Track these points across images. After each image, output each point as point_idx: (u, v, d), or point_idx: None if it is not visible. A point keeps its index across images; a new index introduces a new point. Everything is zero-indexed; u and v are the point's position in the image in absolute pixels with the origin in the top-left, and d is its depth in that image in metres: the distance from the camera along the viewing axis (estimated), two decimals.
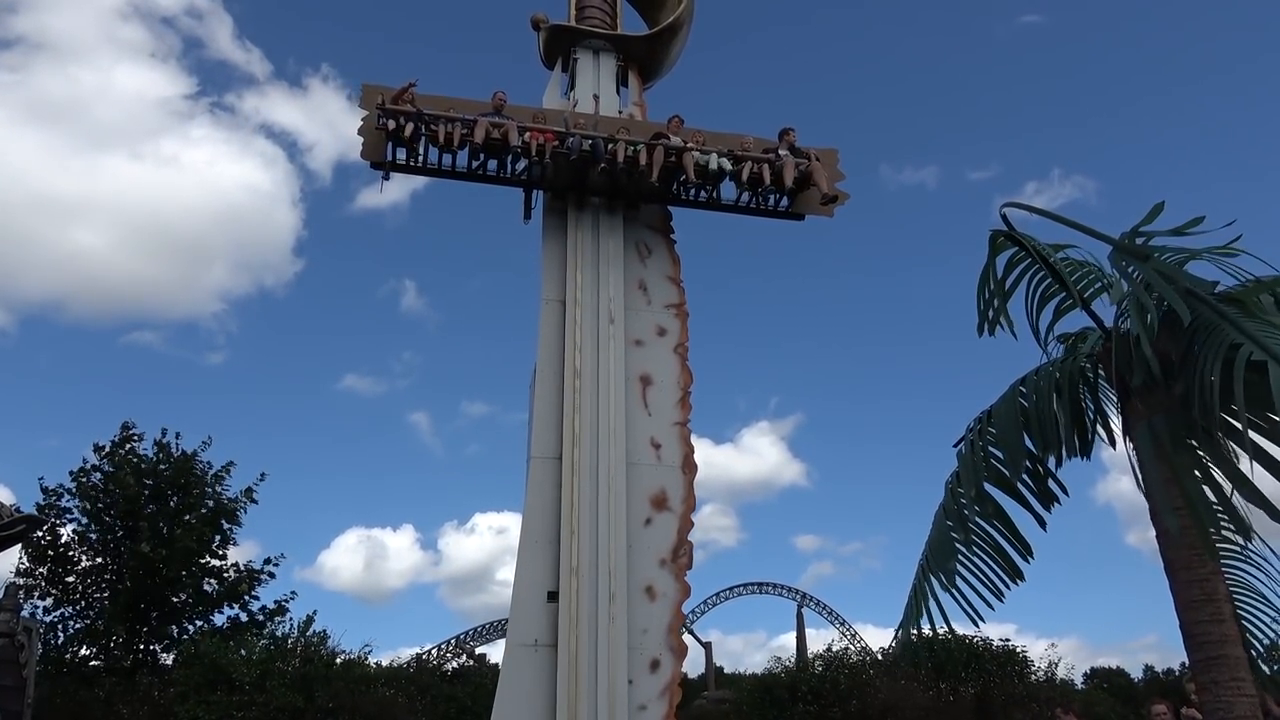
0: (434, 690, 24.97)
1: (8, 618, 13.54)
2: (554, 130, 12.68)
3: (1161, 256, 5.37)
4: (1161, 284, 5.10)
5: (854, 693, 22.26)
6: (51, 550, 22.26)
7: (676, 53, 15.51)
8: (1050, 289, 6.27)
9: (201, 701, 19.33)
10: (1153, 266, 5.26)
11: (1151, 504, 5.97)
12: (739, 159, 13.16)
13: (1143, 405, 5.91)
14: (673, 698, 11.53)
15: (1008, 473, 6.26)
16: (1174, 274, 5.17)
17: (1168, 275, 5.16)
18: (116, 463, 23.13)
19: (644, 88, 15.27)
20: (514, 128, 12.48)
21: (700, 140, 13.31)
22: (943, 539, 6.46)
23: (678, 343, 13.18)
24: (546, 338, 12.82)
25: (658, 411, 12.73)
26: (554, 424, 12.31)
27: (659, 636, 11.66)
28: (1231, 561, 6.65)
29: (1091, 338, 6.53)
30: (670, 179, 13.18)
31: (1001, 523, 6.38)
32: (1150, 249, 5.39)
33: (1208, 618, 5.56)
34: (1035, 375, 6.45)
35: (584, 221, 13.33)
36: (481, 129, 12.39)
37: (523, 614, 11.49)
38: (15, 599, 14.57)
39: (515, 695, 11.22)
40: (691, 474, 12.55)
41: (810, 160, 13.42)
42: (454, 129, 12.47)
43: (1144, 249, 5.40)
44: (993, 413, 6.51)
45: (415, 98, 12.65)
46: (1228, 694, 5.36)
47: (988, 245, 5.98)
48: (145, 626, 22.94)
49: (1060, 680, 28.21)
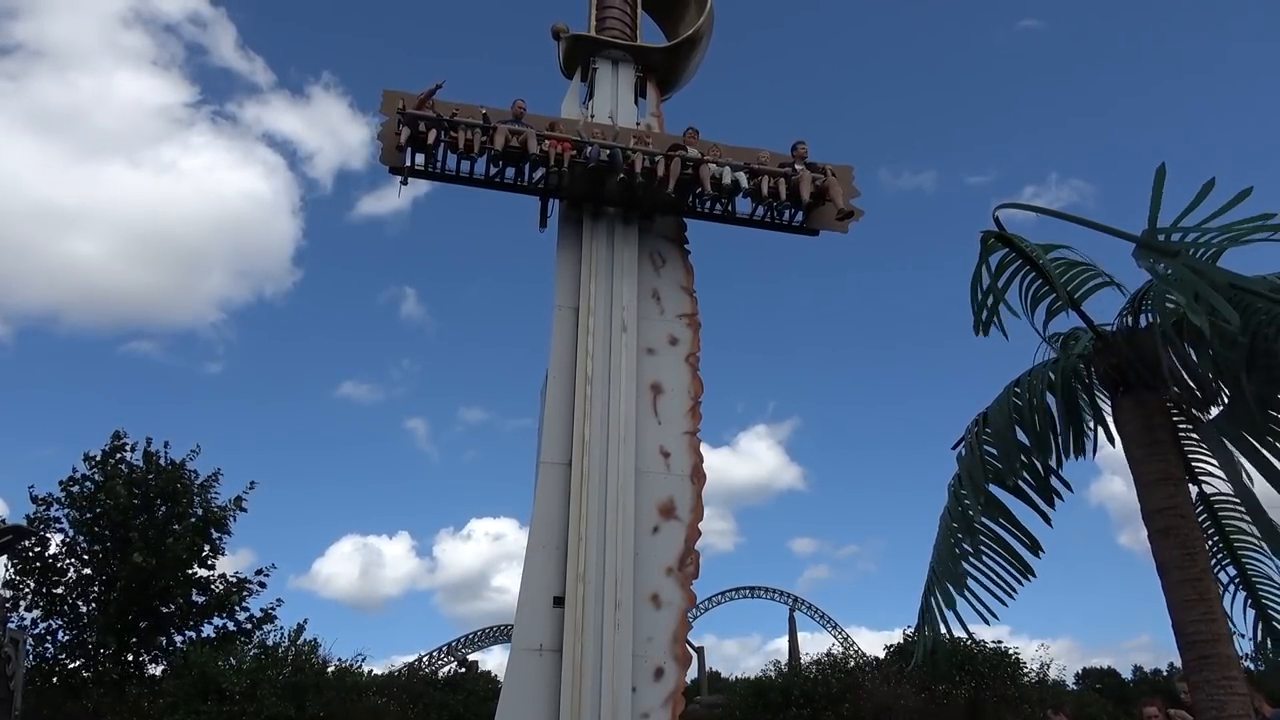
0: (427, 698, 24.88)
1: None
2: (572, 139, 12.74)
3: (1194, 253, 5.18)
4: (1194, 279, 4.95)
5: (846, 696, 22.27)
6: (39, 561, 22.08)
7: (695, 65, 15.62)
8: (1041, 289, 6.29)
9: (192, 712, 19.17)
10: (1184, 262, 5.16)
11: (1143, 504, 5.99)
12: (755, 173, 13.14)
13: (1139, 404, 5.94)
14: (676, 706, 11.54)
15: (1003, 472, 6.26)
16: (1207, 269, 5.04)
17: (1200, 271, 5.04)
18: (107, 472, 22.99)
19: (662, 99, 15.30)
20: (533, 135, 12.51)
21: (717, 153, 13.31)
22: (950, 543, 6.47)
23: (689, 352, 13.24)
24: (559, 344, 12.86)
25: (668, 420, 12.77)
26: (564, 430, 12.36)
27: (663, 645, 11.68)
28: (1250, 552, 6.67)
29: (1083, 339, 6.56)
30: (686, 191, 13.20)
31: (1007, 520, 6.40)
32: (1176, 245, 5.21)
33: (1200, 617, 5.59)
34: (1029, 376, 6.48)
35: (599, 230, 13.41)
36: (501, 136, 12.41)
37: (528, 618, 11.50)
38: (2, 611, 14.41)
39: (519, 700, 11.24)
40: (700, 483, 12.60)
41: (826, 175, 13.42)
42: (474, 135, 12.49)
43: (1170, 245, 5.24)
44: (989, 414, 6.53)
45: (436, 104, 12.67)
46: (1220, 693, 5.38)
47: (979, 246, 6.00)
48: (134, 637, 22.76)
49: (1052, 681, 28.29)
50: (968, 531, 6.35)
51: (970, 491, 6.30)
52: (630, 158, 12.60)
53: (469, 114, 12.78)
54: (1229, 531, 6.70)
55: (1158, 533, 5.84)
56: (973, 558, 6.38)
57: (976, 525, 6.36)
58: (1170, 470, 5.94)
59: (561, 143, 12.61)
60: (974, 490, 6.24)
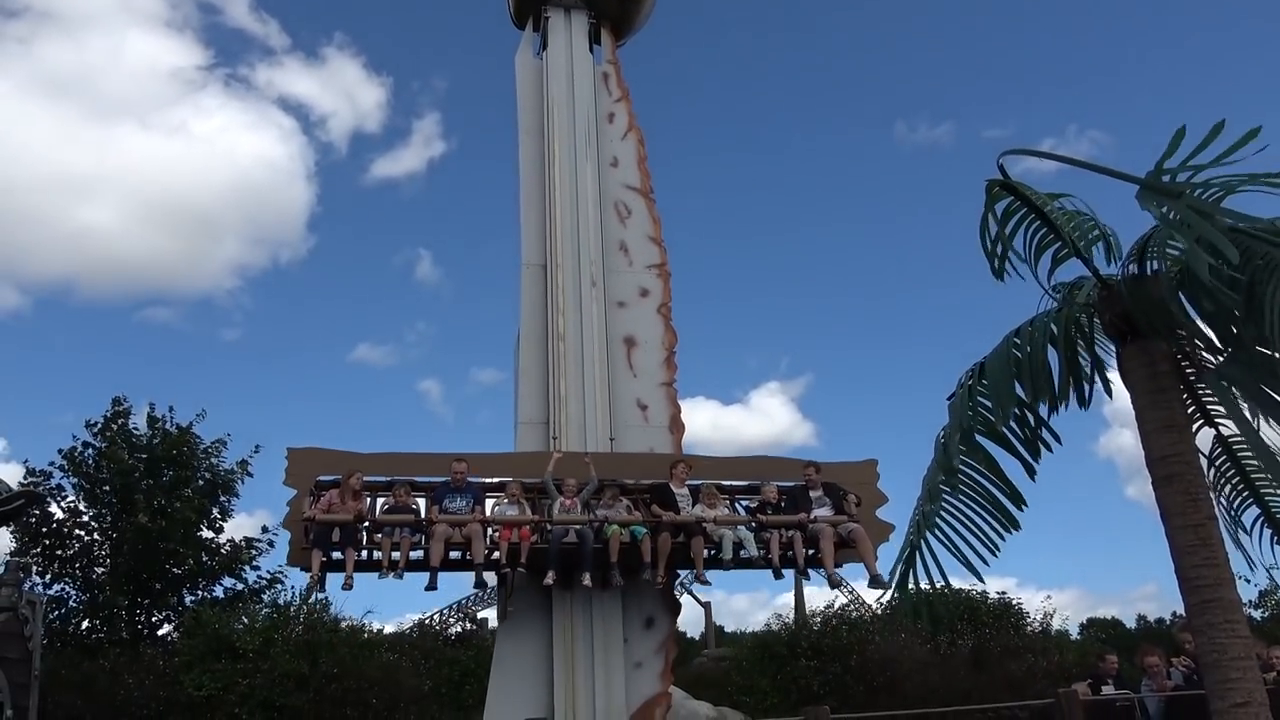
0: (437, 654, 25.22)
1: (10, 592, 13.57)
2: (529, 521, 10.82)
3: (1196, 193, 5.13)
4: (1199, 221, 4.87)
5: (853, 648, 22.51)
6: (44, 527, 22.28)
7: (649, 7, 15.27)
8: (1046, 238, 6.22)
9: (206, 670, 19.51)
10: (1186, 203, 5.08)
11: (1147, 451, 5.98)
12: (763, 525, 11.14)
13: (1144, 352, 5.90)
14: (668, 654, 11.67)
15: (995, 420, 6.24)
16: (1211, 210, 4.99)
17: (1204, 212, 4.97)
18: (109, 438, 23.11)
19: (617, 45, 15.10)
20: (478, 533, 10.49)
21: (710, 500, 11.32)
22: (933, 491, 6.46)
23: (660, 303, 13.13)
24: (528, 302, 12.79)
25: (643, 372, 12.73)
26: (539, 389, 12.32)
27: (651, 594, 11.72)
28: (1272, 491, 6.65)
29: (1087, 286, 6.50)
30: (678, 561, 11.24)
31: (993, 472, 6.38)
32: (1181, 185, 5.15)
33: (1202, 562, 5.59)
34: (1029, 325, 6.43)
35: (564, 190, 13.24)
36: (439, 544, 10.32)
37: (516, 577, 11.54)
38: (16, 574, 14.60)
39: (513, 656, 11.34)
40: (679, 434, 12.58)
41: (849, 509, 11.38)
42: (404, 538, 10.44)
43: (1175, 186, 5.15)
44: (985, 363, 6.49)
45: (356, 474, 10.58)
46: (1222, 635, 5.41)
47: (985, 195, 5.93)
48: (146, 598, 23.07)
49: (1056, 631, 28.60)
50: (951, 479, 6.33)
51: (953, 436, 6.27)
52: (605, 536, 10.70)
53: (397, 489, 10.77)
54: (1250, 471, 6.68)
55: (1161, 480, 5.81)
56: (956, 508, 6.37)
57: (961, 474, 6.34)
58: (1174, 418, 5.89)
59: (518, 529, 10.66)
60: (962, 439, 6.23)
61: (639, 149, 14.32)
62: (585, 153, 13.86)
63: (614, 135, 14.38)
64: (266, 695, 19.46)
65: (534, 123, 14.17)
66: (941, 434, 6.61)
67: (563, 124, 14.00)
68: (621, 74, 14.76)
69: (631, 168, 14.01)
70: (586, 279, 12.85)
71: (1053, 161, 6.50)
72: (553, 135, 13.89)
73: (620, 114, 14.56)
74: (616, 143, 14.32)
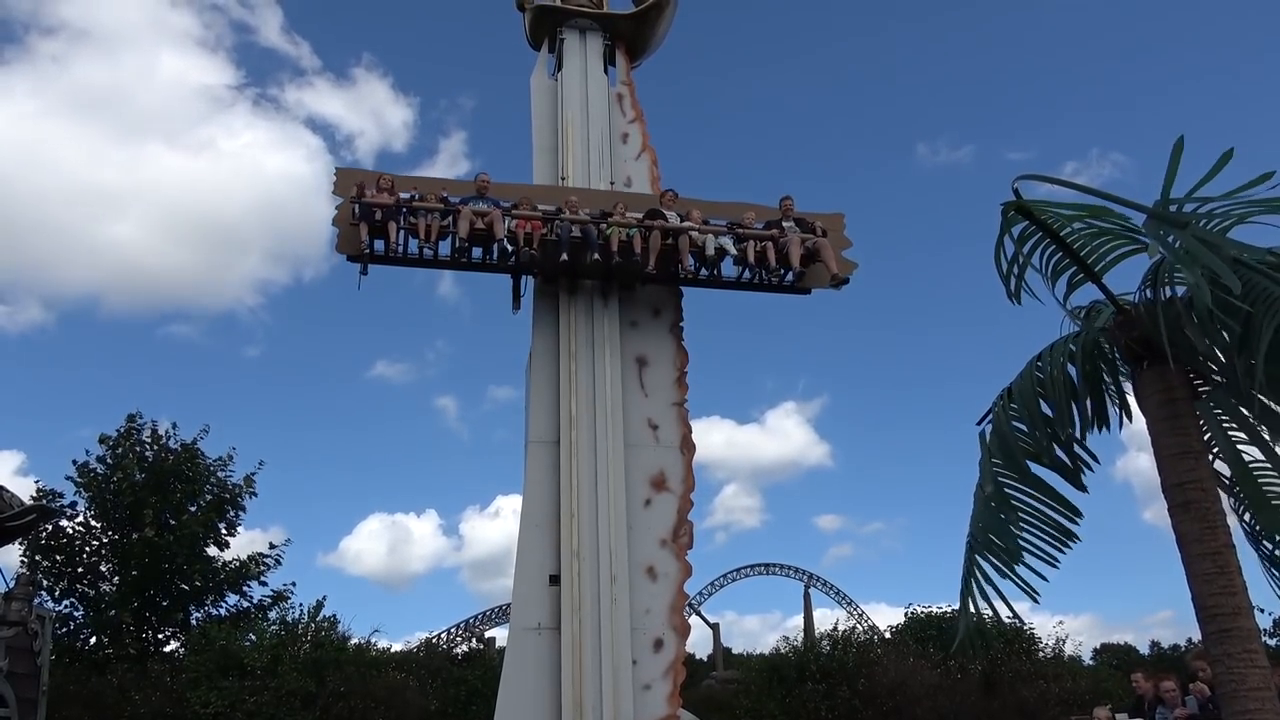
0: (444, 673, 25.14)
1: (20, 606, 13.58)
2: (541, 216, 12.24)
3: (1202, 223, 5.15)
4: (1203, 251, 4.90)
5: (862, 671, 22.35)
6: (54, 541, 22.34)
7: (664, 30, 15.42)
8: (1062, 262, 6.23)
9: (214, 687, 19.48)
10: (1192, 234, 5.11)
11: (1164, 477, 5.94)
12: (741, 237, 12.63)
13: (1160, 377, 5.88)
14: (677, 676, 11.60)
15: (1030, 446, 6.28)
16: (1218, 241, 5.01)
17: (1210, 242, 4.99)
18: (120, 454, 23.21)
19: (631, 66, 15.24)
20: (499, 217, 11.99)
21: (698, 217, 12.78)
22: (991, 519, 6.44)
23: (673, 322, 13.14)
24: (540, 320, 12.80)
25: (654, 392, 12.71)
26: (550, 407, 12.31)
27: (661, 616, 11.70)
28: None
29: (1105, 311, 6.50)
30: (668, 261, 12.60)
31: (1042, 491, 6.39)
32: (1187, 216, 5.19)
33: (1220, 590, 5.53)
34: (1050, 349, 6.44)
35: None
36: (465, 221, 11.87)
37: (525, 598, 11.52)
38: (27, 588, 14.58)
39: (520, 678, 11.26)
40: (690, 454, 12.56)
41: (816, 233, 12.90)
42: (434, 220, 11.98)
43: (1181, 216, 5.19)
44: (1013, 388, 6.52)
45: (395, 182, 12.32)
46: (1240, 665, 5.34)
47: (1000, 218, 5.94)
48: (154, 614, 23.08)
49: (1068, 657, 28.31)
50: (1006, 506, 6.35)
51: (1006, 463, 6.31)
52: (606, 235, 12.10)
53: (429, 189, 12.38)
54: (1270, 497, 6.64)
55: (1178, 506, 5.77)
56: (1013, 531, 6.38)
57: (1014, 500, 6.38)
58: (1190, 444, 5.86)
59: (531, 221, 12.12)
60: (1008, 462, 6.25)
61: (653, 170, 14.39)
62: (599, 173, 13.92)
63: (628, 155, 14.46)
64: (273, 713, 19.42)
65: (548, 142, 14.26)
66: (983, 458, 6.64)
67: (577, 143, 14.08)
68: (636, 95, 14.86)
69: (645, 188, 14.05)
70: (599, 297, 12.89)
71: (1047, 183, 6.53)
72: (567, 155, 13.97)
73: (635, 135, 14.64)
74: (630, 163, 14.40)
